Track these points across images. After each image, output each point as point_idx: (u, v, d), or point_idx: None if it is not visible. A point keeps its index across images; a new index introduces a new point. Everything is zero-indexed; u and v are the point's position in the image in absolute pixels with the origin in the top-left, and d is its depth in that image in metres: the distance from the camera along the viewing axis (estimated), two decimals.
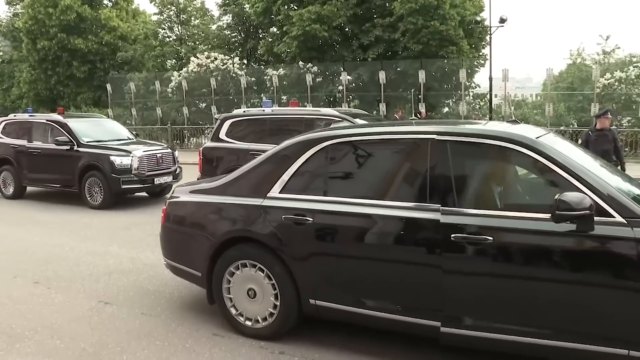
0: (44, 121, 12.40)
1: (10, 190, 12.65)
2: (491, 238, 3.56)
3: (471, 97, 30.23)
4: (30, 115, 13.00)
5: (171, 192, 5.39)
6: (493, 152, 3.87)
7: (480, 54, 31.70)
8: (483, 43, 31.20)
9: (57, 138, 11.54)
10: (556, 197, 3.31)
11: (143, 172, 11.14)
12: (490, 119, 24.55)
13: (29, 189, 12.80)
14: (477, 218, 3.67)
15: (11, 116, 13.62)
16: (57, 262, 7.17)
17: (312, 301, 4.25)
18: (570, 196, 3.29)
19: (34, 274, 6.65)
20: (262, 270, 4.43)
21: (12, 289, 6.12)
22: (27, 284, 6.29)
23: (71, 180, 11.48)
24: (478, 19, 30.05)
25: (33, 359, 4.34)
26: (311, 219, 4.14)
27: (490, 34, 27.62)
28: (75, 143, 11.49)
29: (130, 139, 12.85)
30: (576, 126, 23.22)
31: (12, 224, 9.75)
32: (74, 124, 12.09)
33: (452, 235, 3.66)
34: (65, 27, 35.84)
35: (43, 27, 35.84)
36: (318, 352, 4.25)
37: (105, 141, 11.92)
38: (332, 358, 4.17)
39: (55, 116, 12.49)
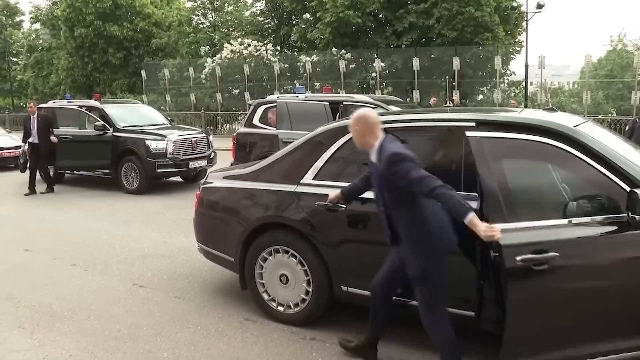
0: (77, 107, 12.59)
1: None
2: None
3: (506, 85, 29.70)
4: (69, 102, 13.24)
5: (205, 177, 5.44)
6: (532, 141, 3.77)
7: (516, 40, 31.03)
8: (519, 29, 30.54)
9: (94, 123, 11.74)
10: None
11: (178, 156, 11.25)
12: (526, 106, 24.09)
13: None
14: None
15: (50, 103, 13.90)
16: (93, 246, 7.32)
17: (344, 288, 4.25)
18: None
19: (72, 257, 6.81)
20: (295, 257, 4.44)
21: (52, 271, 6.28)
22: (65, 266, 6.44)
23: (107, 165, 11.66)
24: (514, 4, 29.34)
25: (72, 339, 4.44)
26: (344, 206, 4.12)
27: (527, 20, 27.02)
28: (112, 128, 11.67)
29: (165, 124, 12.99)
30: (615, 115, 22.63)
31: (51, 208, 9.98)
32: (111, 109, 12.28)
33: None
34: (101, 15, 36.37)
35: (80, 15, 36.44)
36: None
37: (141, 126, 12.08)
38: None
39: (93, 102, 12.71)
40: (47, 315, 4.96)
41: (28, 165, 11.77)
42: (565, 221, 3.22)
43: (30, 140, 11.36)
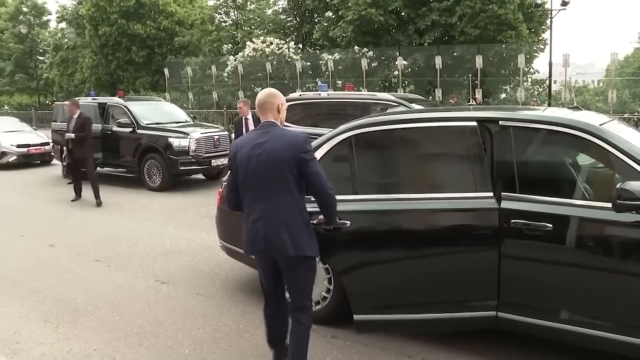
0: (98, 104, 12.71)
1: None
2: (550, 225, 3.47)
3: (529, 83, 29.35)
4: (93, 99, 13.39)
5: (227, 175, 5.44)
6: (556, 138, 3.74)
7: (540, 38, 30.61)
8: (543, 27, 30.11)
9: (119, 120, 11.84)
10: (618, 185, 3.21)
11: (200, 153, 11.31)
12: (549, 105, 23.80)
13: None
14: (537, 205, 3.57)
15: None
16: (116, 242, 7.39)
17: None
18: (634, 185, 3.16)
19: (95, 252, 6.88)
20: None
21: (76, 266, 6.35)
22: (89, 262, 6.52)
23: (130, 162, 11.77)
24: (538, 1, 28.98)
25: (95, 333, 4.49)
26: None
27: (551, 18, 26.68)
28: (135, 125, 11.77)
29: (187, 122, 13.07)
30: None
31: (75, 204, 10.10)
32: (134, 106, 12.39)
33: (512, 221, 3.58)
34: (125, 13, 36.71)
35: (104, 14, 36.82)
36: (370, 337, 4.23)
37: (164, 123, 12.17)
38: (383, 344, 4.15)
39: (117, 99, 12.83)
40: (72, 309, 5.02)
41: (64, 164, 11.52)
42: None
43: (70, 146, 10.32)
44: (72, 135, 9.96)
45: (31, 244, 7.45)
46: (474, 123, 3.82)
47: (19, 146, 15.84)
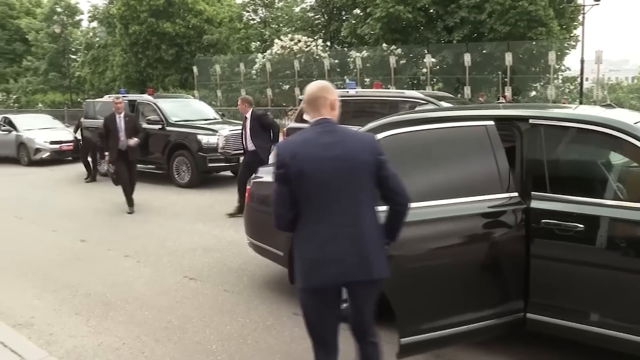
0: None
1: (105, 167, 13.29)
2: (582, 226, 3.41)
3: (560, 81, 28.88)
4: (124, 96, 13.54)
5: (255, 172, 5.47)
6: (589, 137, 3.67)
7: (572, 35, 30.13)
8: (575, 23, 29.63)
9: (148, 117, 11.97)
10: None
11: (229, 150, 11.35)
12: (581, 103, 23.38)
13: None
14: (568, 205, 3.52)
15: (105, 97, 14.27)
16: (145, 238, 7.48)
17: None
18: None
19: (125, 248, 6.98)
20: None
21: (106, 261, 6.45)
22: (119, 257, 6.61)
23: (159, 158, 11.89)
24: None
25: (125, 328, 4.55)
26: None
27: (584, 14, 26.21)
28: (164, 122, 11.89)
29: (216, 119, 13.16)
30: None
31: (106, 200, 10.25)
32: (163, 104, 12.51)
33: (543, 221, 3.53)
34: (155, 12, 37.16)
35: (134, 13, 37.34)
36: (394, 337, 4.19)
37: (193, 121, 12.26)
38: None
39: (146, 97, 12.98)
40: (102, 304, 5.10)
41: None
42: None
43: (120, 146, 9.07)
44: (136, 140, 9.14)
45: (63, 238, 7.58)
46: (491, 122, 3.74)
47: (52, 143, 16.16)
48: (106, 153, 9.48)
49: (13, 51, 53.41)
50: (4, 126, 17.14)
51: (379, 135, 3.69)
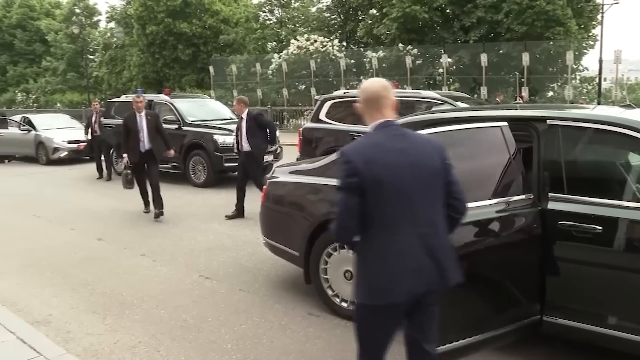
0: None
1: (121, 167, 13.39)
2: (600, 227, 3.38)
3: (578, 81, 28.59)
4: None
5: (271, 172, 5.49)
6: (607, 138, 3.63)
7: (590, 34, 29.76)
8: (593, 23, 29.28)
9: (164, 117, 12.04)
10: None
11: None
12: (599, 103, 23.13)
13: None
14: (586, 206, 3.49)
15: (123, 97, 14.38)
16: (161, 237, 7.53)
17: None
18: None
19: (141, 247, 7.03)
20: None
21: (122, 260, 6.50)
22: (135, 256, 6.66)
23: (175, 158, 11.94)
24: None
25: (141, 326, 4.58)
26: None
27: (602, 13, 25.92)
28: (181, 122, 11.95)
29: (232, 119, 13.17)
30: None
31: (122, 199, 10.32)
32: (180, 104, 12.58)
33: (560, 222, 3.50)
34: (172, 12, 37.38)
35: (152, 13, 37.61)
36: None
37: (209, 120, 12.31)
38: None
39: (163, 97, 13.05)
40: (118, 302, 5.14)
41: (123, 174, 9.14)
42: None
43: (141, 148, 8.59)
44: (173, 152, 8.99)
45: (81, 237, 7.66)
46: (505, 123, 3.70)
47: (69, 142, 16.34)
48: (124, 155, 8.73)
49: (33, 52, 54.25)
50: (24, 126, 17.36)
51: None
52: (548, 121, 3.74)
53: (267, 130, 8.89)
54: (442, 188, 2.61)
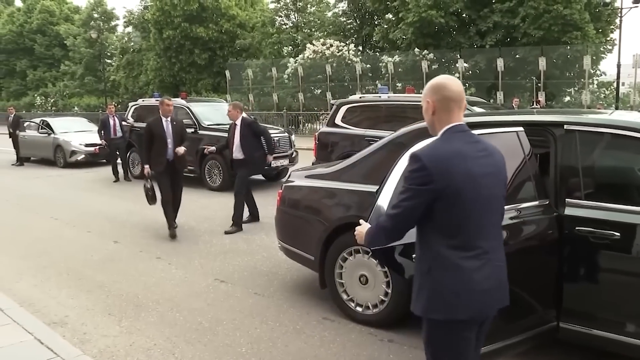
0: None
1: (137, 171, 13.49)
2: (618, 234, 3.34)
3: (595, 86, 28.32)
4: (157, 100, 13.73)
5: (287, 176, 5.50)
6: (625, 143, 3.59)
7: (608, 38, 29.43)
8: (612, 27, 28.97)
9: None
10: None
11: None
12: (617, 108, 22.89)
13: None
14: (604, 212, 3.45)
15: (140, 101, 14.50)
16: (177, 240, 7.57)
17: None
18: None
19: (157, 249, 7.07)
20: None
21: (138, 262, 6.54)
22: (150, 258, 6.70)
23: (191, 161, 12.00)
24: (607, 0, 27.81)
25: (156, 328, 4.61)
26: None
27: (621, 17, 25.64)
28: (197, 126, 12.01)
29: None
30: None
31: (138, 202, 10.37)
32: (196, 107, 12.65)
33: (577, 228, 3.47)
34: (188, 17, 37.62)
35: (169, 18, 37.86)
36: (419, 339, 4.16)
37: (225, 124, 12.33)
38: None
39: (179, 101, 13.14)
40: (134, 304, 5.17)
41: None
42: None
43: (168, 156, 7.74)
44: (184, 148, 7.77)
45: (97, 239, 7.72)
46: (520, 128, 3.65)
47: (87, 145, 16.49)
48: (146, 166, 7.86)
49: (52, 56, 55.09)
50: (43, 129, 17.57)
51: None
52: (565, 126, 3.71)
53: (262, 139, 8.48)
54: (504, 200, 2.51)
